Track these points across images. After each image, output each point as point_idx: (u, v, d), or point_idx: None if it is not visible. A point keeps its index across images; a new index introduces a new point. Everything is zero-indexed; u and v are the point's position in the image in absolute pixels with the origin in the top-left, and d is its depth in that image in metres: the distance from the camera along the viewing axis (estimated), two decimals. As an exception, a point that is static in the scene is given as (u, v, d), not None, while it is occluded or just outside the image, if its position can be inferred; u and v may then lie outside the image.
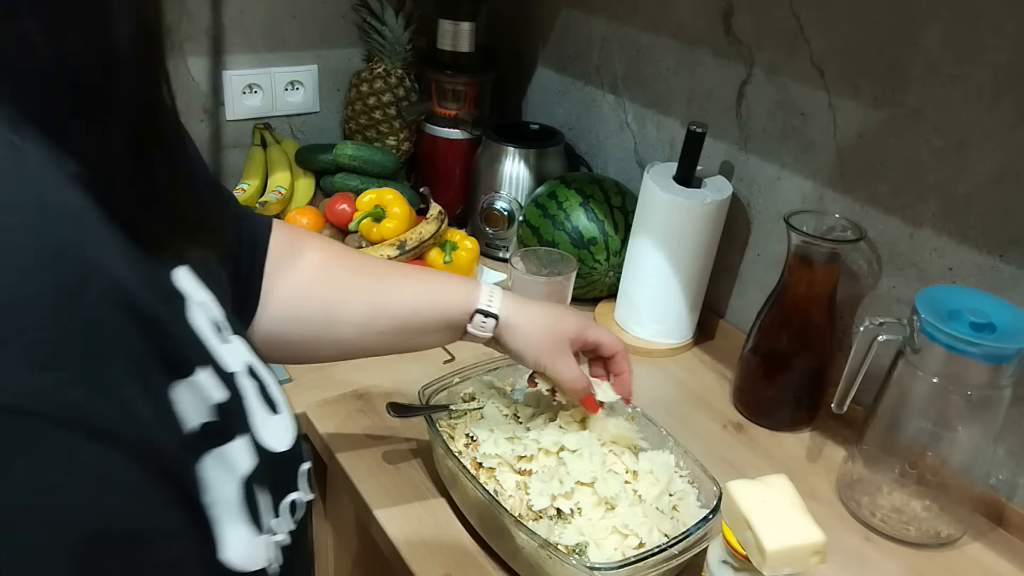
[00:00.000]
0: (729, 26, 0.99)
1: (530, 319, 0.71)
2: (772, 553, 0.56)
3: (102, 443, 0.24)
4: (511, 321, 0.70)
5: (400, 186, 1.24)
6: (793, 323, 0.90)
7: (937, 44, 0.79)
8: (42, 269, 0.24)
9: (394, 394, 0.90)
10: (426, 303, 0.69)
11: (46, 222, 0.25)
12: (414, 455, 0.83)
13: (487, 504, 0.68)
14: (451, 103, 1.28)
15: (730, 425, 0.93)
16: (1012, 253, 0.77)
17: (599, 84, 1.22)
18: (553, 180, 1.14)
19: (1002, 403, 0.73)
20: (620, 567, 0.63)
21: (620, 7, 1.15)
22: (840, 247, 0.86)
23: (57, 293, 0.24)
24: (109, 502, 0.25)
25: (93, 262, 0.26)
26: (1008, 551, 0.78)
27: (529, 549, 0.66)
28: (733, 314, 1.08)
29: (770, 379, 0.92)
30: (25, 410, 0.23)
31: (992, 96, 0.75)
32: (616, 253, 1.08)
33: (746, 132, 1.00)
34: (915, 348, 0.74)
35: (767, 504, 0.59)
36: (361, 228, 1.11)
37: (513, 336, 0.71)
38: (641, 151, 1.17)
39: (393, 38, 1.26)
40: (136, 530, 0.27)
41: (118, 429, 0.25)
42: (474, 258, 1.13)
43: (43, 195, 0.26)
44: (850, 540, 0.78)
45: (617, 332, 1.06)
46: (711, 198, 0.96)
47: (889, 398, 0.78)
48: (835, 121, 0.89)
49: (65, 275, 0.25)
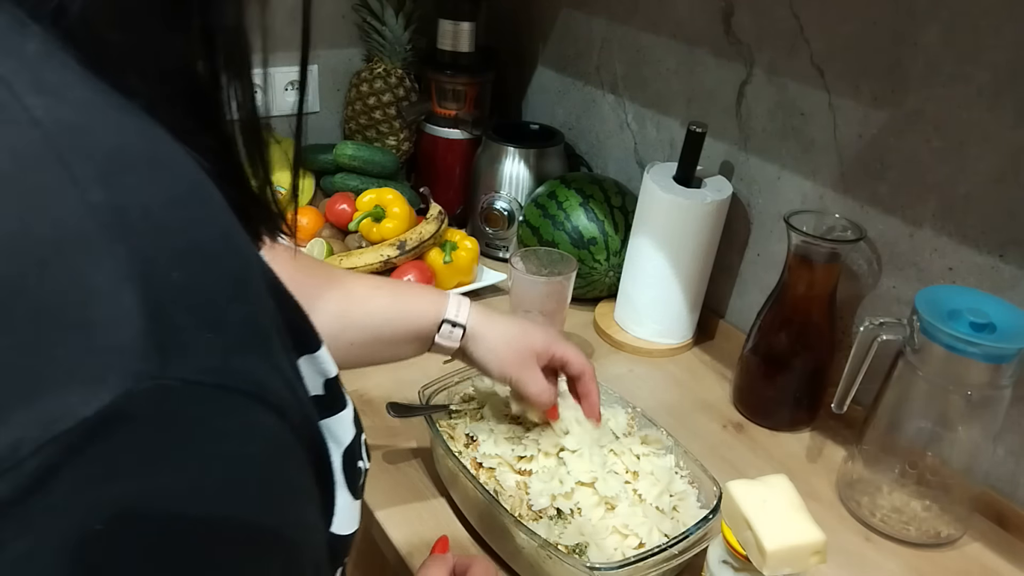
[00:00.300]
0: (729, 26, 0.99)
1: (497, 331, 0.72)
2: (772, 553, 0.56)
3: (279, 417, 0.25)
4: (477, 332, 0.71)
5: (400, 186, 1.25)
6: (793, 323, 0.90)
7: (937, 44, 0.78)
8: (223, 256, 0.26)
9: (394, 394, 0.90)
10: (396, 313, 0.70)
11: (216, 212, 0.27)
12: (414, 455, 0.83)
13: (487, 504, 0.68)
14: (451, 103, 1.28)
15: (730, 425, 0.93)
16: (1012, 253, 0.77)
17: (599, 84, 1.22)
18: (553, 180, 1.14)
19: (1002, 403, 0.73)
20: (620, 567, 0.63)
21: (620, 7, 1.15)
22: (840, 247, 0.86)
23: (235, 278, 0.26)
24: (284, 472, 0.27)
25: (248, 246, 0.28)
26: (1008, 551, 0.78)
27: (529, 549, 0.66)
28: (733, 314, 1.08)
29: (770, 379, 0.92)
30: (232, 387, 0.24)
31: (992, 96, 0.75)
32: (616, 253, 1.08)
33: (746, 132, 1.00)
34: (915, 348, 0.74)
35: (767, 504, 0.59)
36: (361, 228, 1.11)
37: (479, 347, 0.72)
38: (641, 151, 1.17)
39: (393, 38, 1.26)
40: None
41: (285, 404, 0.26)
42: (474, 258, 1.13)
43: (206, 185, 0.27)
44: (850, 540, 0.78)
45: (617, 332, 1.06)
46: (711, 198, 0.96)
47: (889, 398, 0.78)
48: (835, 121, 0.89)
49: (237, 260, 0.26)
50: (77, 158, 0.23)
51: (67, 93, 0.25)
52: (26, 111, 0.23)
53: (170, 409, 0.22)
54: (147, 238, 0.23)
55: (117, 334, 0.21)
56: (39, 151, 0.23)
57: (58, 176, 0.23)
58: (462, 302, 0.72)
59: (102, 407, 0.20)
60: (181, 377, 0.22)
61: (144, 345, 0.21)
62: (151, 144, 0.26)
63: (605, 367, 1.02)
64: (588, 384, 0.75)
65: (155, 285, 0.22)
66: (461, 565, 0.60)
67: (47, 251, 0.21)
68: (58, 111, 0.24)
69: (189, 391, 0.22)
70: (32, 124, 0.23)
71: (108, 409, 0.21)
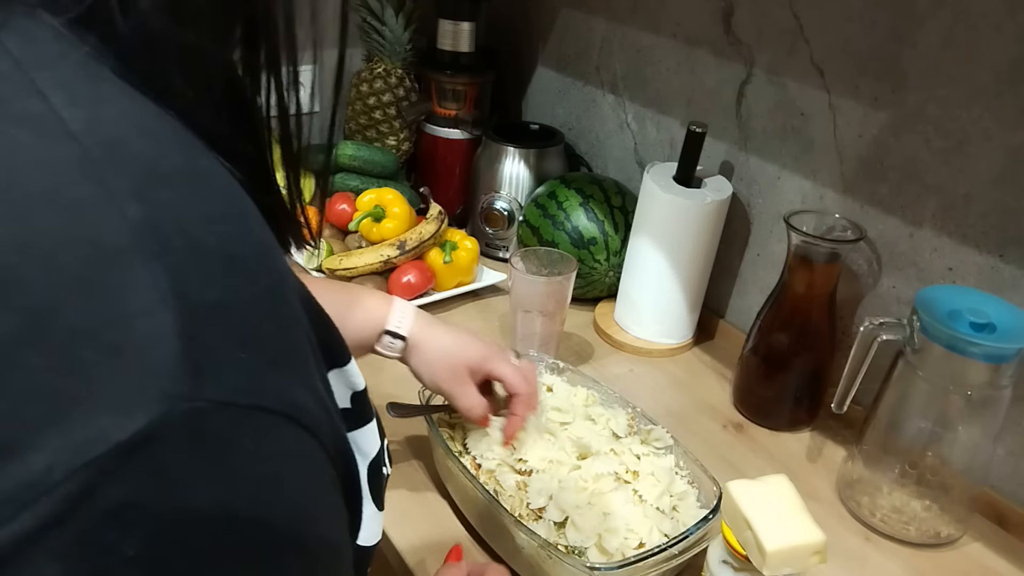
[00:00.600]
0: (729, 26, 0.99)
1: (435, 343, 0.72)
2: (772, 553, 0.56)
3: (311, 436, 0.25)
4: (417, 343, 0.72)
5: (400, 186, 1.24)
6: (793, 323, 0.90)
7: (937, 44, 0.78)
8: (259, 273, 0.25)
9: (394, 394, 0.90)
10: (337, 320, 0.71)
11: (252, 226, 0.26)
12: (414, 455, 0.83)
13: (487, 504, 0.68)
14: (451, 103, 1.28)
15: (730, 425, 0.93)
16: (1012, 253, 0.77)
17: (599, 84, 1.22)
18: (553, 180, 1.14)
19: (1002, 403, 0.73)
20: (620, 567, 0.63)
21: (620, 7, 1.15)
22: (840, 247, 0.86)
23: (271, 295, 0.25)
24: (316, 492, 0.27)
25: (283, 260, 0.28)
26: (1008, 551, 0.78)
27: (529, 549, 0.66)
28: (733, 314, 1.08)
29: (770, 379, 0.92)
30: (266, 408, 0.24)
31: (992, 96, 0.75)
32: (616, 253, 1.08)
33: (746, 132, 1.00)
34: (915, 348, 0.74)
35: (767, 504, 0.59)
36: (361, 228, 1.11)
37: (415, 357, 0.73)
38: (641, 151, 1.17)
39: (393, 38, 1.26)
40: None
41: (317, 423, 0.26)
42: (474, 258, 1.13)
43: (242, 198, 0.27)
44: (850, 540, 0.78)
45: (617, 332, 1.06)
46: (711, 198, 0.96)
47: (889, 398, 0.78)
48: (835, 121, 0.89)
49: (274, 277, 0.26)
50: (114, 173, 0.23)
51: (104, 104, 0.25)
52: (62, 124, 0.23)
53: (203, 431, 0.22)
54: (183, 256, 0.23)
55: (152, 356, 0.21)
56: (76, 166, 0.23)
57: (95, 192, 0.22)
58: (406, 311, 0.73)
59: (136, 431, 0.20)
60: (215, 399, 0.22)
61: (179, 367, 0.21)
62: (188, 156, 0.26)
63: (605, 367, 1.02)
64: (516, 406, 0.75)
65: (190, 305, 0.22)
66: (475, 572, 0.60)
67: (83, 269, 0.21)
68: (95, 124, 0.24)
69: (223, 413, 0.22)
70: (69, 138, 0.23)
71: (142, 433, 0.20)
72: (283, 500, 0.24)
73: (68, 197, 0.22)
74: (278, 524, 0.24)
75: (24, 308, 0.20)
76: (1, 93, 0.24)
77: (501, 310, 1.10)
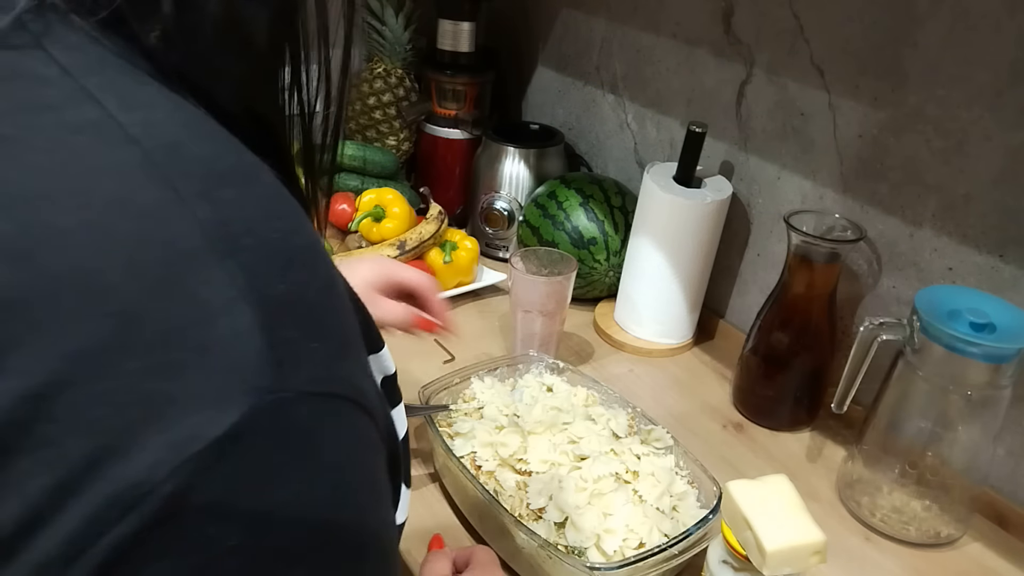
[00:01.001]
0: (729, 26, 0.99)
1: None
2: (772, 553, 0.56)
3: (371, 420, 0.26)
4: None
5: (400, 186, 1.25)
6: (793, 323, 0.90)
7: (937, 44, 0.78)
8: (317, 266, 0.26)
9: (394, 394, 0.90)
10: None
11: (303, 220, 0.27)
12: (414, 455, 0.83)
13: (487, 504, 0.68)
14: (451, 103, 1.28)
15: (730, 425, 0.93)
16: (1012, 253, 0.77)
17: (599, 84, 1.22)
18: (553, 180, 1.14)
19: (1002, 403, 0.73)
20: (620, 567, 0.63)
21: (620, 7, 1.15)
22: (840, 247, 0.86)
23: (328, 286, 0.26)
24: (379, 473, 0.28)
25: (328, 254, 0.28)
26: (1008, 551, 0.78)
27: (529, 549, 0.66)
28: (733, 314, 1.08)
29: (770, 379, 0.92)
30: (338, 395, 0.25)
31: (992, 96, 0.75)
32: (616, 253, 1.08)
33: (746, 132, 1.00)
34: (915, 348, 0.74)
35: (767, 504, 0.59)
36: (361, 228, 1.11)
37: None
38: (641, 151, 1.17)
39: (393, 38, 1.26)
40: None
41: (374, 407, 0.27)
42: (474, 258, 1.13)
43: (289, 195, 0.27)
44: (850, 540, 0.78)
45: (617, 332, 1.06)
46: (711, 198, 0.96)
47: (889, 398, 0.78)
48: (835, 121, 0.89)
49: (327, 268, 0.27)
50: (179, 175, 0.23)
51: (154, 108, 0.25)
52: (122, 129, 0.24)
53: (289, 421, 0.22)
54: (252, 253, 0.23)
55: (237, 352, 0.22)
56: (141, 170, 0.23)
57: (164, 195, 0.23)
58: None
59: (230, 425, 0.21)
60: (297, 389, 0.23)
61: (263, 361, 0.22)
62: (237, 155, 0.26)
63: (605, 367, 1.02)
64: (430, 300, 0.75)
65: (265, 300, 0.23)
66: (461, 557, 0.61)
67: (164, 271, 0.22)
68: (151, 128, 0.24)
69: (304, 402, 0.23)
70: (130, 142, 0.23)
71: (235, 427, 0.21)
72: (356, 482, 0.25)
73: (140, 202, 0.23)
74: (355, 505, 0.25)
75: (116, 313, 0.21)
76: (53, 100, 0.24)
77: (501, 310, 1.10)
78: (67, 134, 0.23)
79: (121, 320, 0.21)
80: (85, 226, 0.22)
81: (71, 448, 0.20)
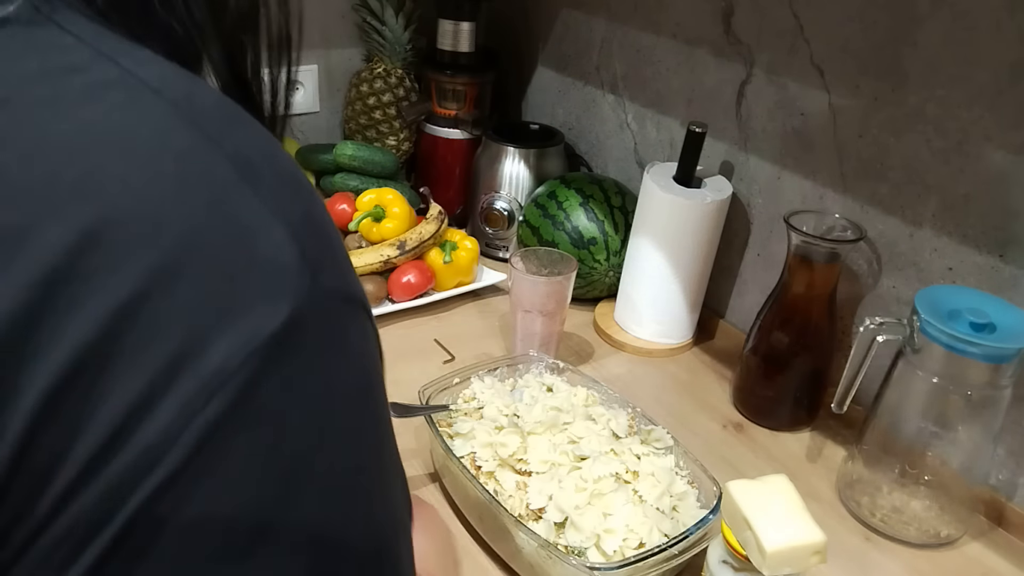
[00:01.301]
0: (729, 26, 0.99)
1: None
2: (772, 553, 0.56)
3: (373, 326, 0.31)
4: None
5: (400, 186, 1.25)
6: (793, 323, 0.90)
7: (937, 44, 0.78)
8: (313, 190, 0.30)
9: (394, 394, 0.90)
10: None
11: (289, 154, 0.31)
12: (414, 455, 0.83)
13: (487, 504, 0.68)
14: (451, 103, 1.28)
15: (730, 425, 0.93)
16: (1012, 253, 0.77)
17: (599, 84, 1.22)
18: (553, 180, 1.14)
19: (1002, 403, 0.73)
20: (620, 567, 0.63)
21: (620, 7, 1.15)
22: (840, 247, 0.86)
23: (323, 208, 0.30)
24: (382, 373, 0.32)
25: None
26: (1008, 551, 0.78)
27: (529, 549, 0.66)
28: (733, 314, 1.08)
29: (770, 379, 0.92)
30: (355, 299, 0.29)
31: (992, 96, 0.75)
32: (616, 253, 1.08)
33: (746, 132, 1.00)
34: (915, 348, 0.74)
35: (767, 504, 0.59)
36: (361, 228, 1.11)
37: None
38: (641, 151, 1.17)
39: (393, 38, 1.26)
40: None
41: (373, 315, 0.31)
42: (474, 258, 1.13)
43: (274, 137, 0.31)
44: (850, 540, 0.78)
45: (617, 332, 1.06)
46: (711, 198, 0.96)
47: (889, 398, 0.78)
48: (835, 121, 0.89)
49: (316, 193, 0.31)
50: (203, 119, 0.27)
51: (161, 65, 0.29)
52: (145, 84, 0.27)
53: (329, 317, 0.27)
54: (272, 180, 0.27)
55: (280, 262, 0.26)
56: (172, 117, 0.27)
57: (196, 137, 0.26)
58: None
59: (284, 320, 0.25)
60: (331, 291, 0.27)
61: (302, 266, 0.26)
62: (231, 103, 0.30)
63: (605, 367, 1.02)
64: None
65: (290, 219, 0.27)
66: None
67: (210, 199, 0.25)
68: (168, 81, 0.28)
69: (335, 301, 0.27)
70: (155, 93, 0.27)
71: (288, 321, 0.25)
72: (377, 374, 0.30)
73: (178, 143, 0.26)
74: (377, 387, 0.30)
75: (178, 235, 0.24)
76: (77, 63, 0.27)
77: (501, 310, 1.10)
78: (100, 90, 0.26)
79: (182, 242, 0.24)
80: (138, 168, 0.25)
81: (158, 352, 0.23)
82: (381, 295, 1.06)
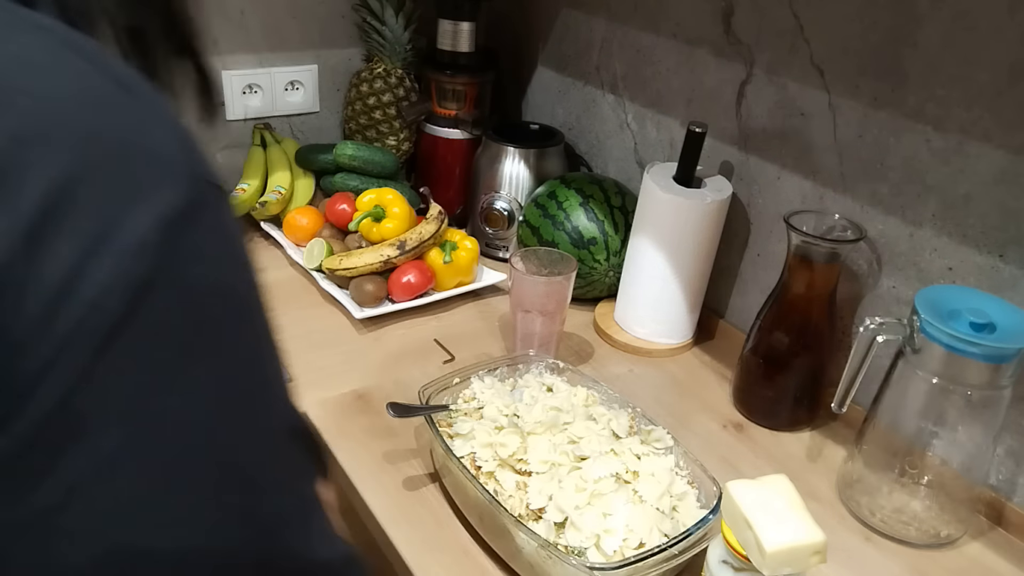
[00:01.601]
0: (729, 26, 0.99)
1: None
2: (772, 553, 0.56)
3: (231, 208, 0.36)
4: None
5: (400, 186, 1.24)
6: (793, 323, 0.90)
7: (937, 44, 0.79)
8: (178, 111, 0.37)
9: (394, 394, 0.90)
10: None
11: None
12: (414, 455, 0.83)
13: (487, 504, 0.68)
14: (451, 103, 1.28)
15: (730, 425, 0.93)
16: (1012, 253, 0.77)
17: (599, 84, 1.22)
18: (553, 180, 1.14)
19: (1002, 403, 0.73)
20: (620, 567, 0.63)
21: (620, 7, 1.15)
22: (840, 247, 0.86)
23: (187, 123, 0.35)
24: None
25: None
26: (1008, 551, 0.78)
27: (529, 549, 0.66)
28: (733, 314, 1.08)
29: (770, 379, 0.92)
30: (220, 184, 0.34)
31: (992, 96, 0.75)
32: (616, 253, 1.08)
33: (746, 132, 1.00)
34: (915, 348, 0.74)
35: (767, 504, 0.59)
36: (361, 228, 1.11)
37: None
38: (641, 151, 1.17)
39: (393, 38, 1.26)
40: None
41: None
42: (474, 258, 1.13)
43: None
44: (850, 540, 0.78)
45: (617, 332, 1.06)
46: (711, 198, 0.96)
47: (889, 398, 0.78)
48: (835, 121, 0.89)
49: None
50: (83, 47, 0.32)
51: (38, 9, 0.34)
52: (37, 22, 0.32)
53: (214, 195, 0.33)
54: (147, 91, 0.33)
55: (176, 151, 0.32)
56: (62, 46, 0.32)
57: (80, 60, 0.32)
58: None
59: (184, 198, 0.30)
60: (208, 174, 0.33)
61: (191, 157, 0.32)
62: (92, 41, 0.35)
63: (605, 367, 1.02)
64: None
65: (168, 121, 0.32)
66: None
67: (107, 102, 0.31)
68: (51, 20, 0.33)
69: (215, 185, 0.33)
70: (46, 30, 0.32)
71: (188, 199, 0.31)
72: (244, 246, 0.35)
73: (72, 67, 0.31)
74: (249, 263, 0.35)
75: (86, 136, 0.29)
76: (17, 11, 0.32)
77: (501, 310, 1.10)
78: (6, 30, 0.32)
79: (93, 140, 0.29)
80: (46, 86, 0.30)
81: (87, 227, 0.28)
82: (381, 295, 1.06)
